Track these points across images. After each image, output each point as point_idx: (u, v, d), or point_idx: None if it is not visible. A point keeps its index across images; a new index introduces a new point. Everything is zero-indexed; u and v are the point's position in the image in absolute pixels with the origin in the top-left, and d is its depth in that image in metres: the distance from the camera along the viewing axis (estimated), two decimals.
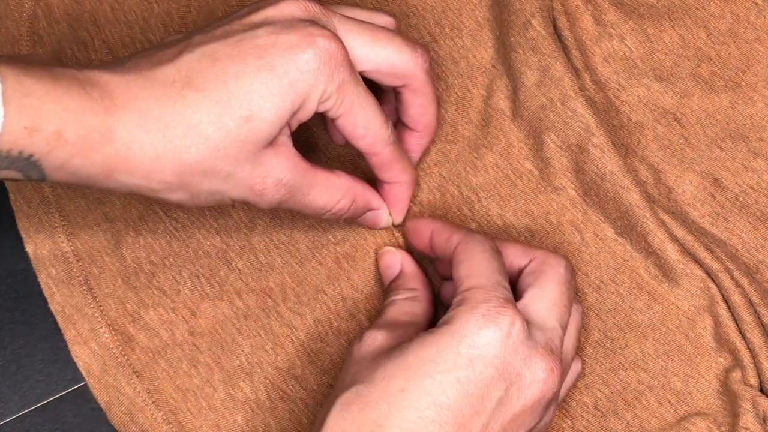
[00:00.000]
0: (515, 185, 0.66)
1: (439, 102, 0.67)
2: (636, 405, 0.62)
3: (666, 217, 0.64)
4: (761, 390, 0.62)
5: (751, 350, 0.62)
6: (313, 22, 0.57)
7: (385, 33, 0.60)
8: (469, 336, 0.54)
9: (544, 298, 0.57)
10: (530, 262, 0.59)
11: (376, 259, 0.65)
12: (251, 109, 0.55)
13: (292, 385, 0.63)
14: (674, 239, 0.64)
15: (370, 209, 0.63)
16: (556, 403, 0.57)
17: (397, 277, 0.63)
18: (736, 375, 0.62)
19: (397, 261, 0.64)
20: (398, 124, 0.64)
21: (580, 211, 0.65)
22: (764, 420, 0.61)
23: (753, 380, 0.62)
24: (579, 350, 0.62)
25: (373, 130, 0.59)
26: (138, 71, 0.55)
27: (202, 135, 0.55)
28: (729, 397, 0.62)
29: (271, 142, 0.56)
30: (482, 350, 0.54)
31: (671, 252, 0.63)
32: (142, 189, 0.56)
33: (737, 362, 0.62)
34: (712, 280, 0.63)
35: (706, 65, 0.68)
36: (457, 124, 0.67)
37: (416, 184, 0.65)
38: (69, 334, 0.64)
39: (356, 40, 0.58)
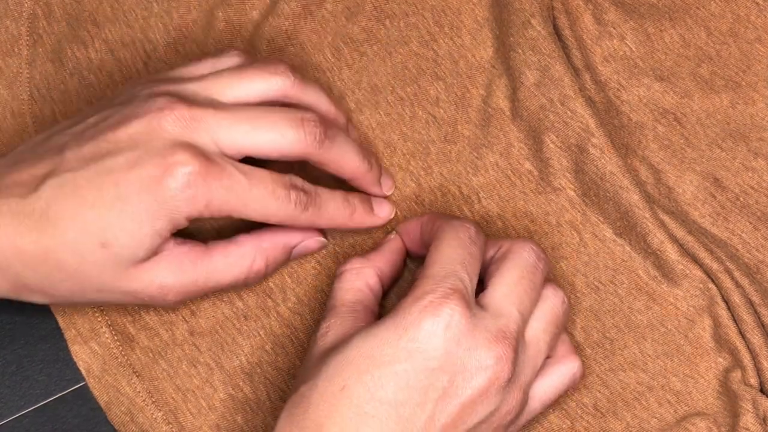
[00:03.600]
0: (515, 185, 0.66)
1: (438, 102, 0.67)
2: (635, 405, 0.62)
3: (666, 218, 0.64)
4: (761, 390, 0.62)
5: (751, 350, 0.62)
6: (178, 143, 0.57)
7: (266, 118, 0.58)
8: (409, 329, 0.54)
9: (502, 283, 0.57)
10: (497, 251, 0.59)
11: None
12: (106, 237, 0.56)
13: (292, 385, 0.63)
14: (674, 239, 0.64)
15: (291, 248, 0.63)
16: (519, 387, 0.56)
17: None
18: (736, 375, 0.62)
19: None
20: None
21: (579, 211, 0.65)
22: (764, 420, 0.61)
23: (753, 380, 0.62)
24: (578, 351, 0.62)
25: (272, 213, 0.59)
26: (1, 196, 0.57)
27: (60, 261, 0.56)
28: (729, 397, 0.62)
29: (146, 258, 0.57)
30: (421, 343, 0.53)
31: (671, 252, 0.63)
32: (27, 300, 0.59)
33: (737, 362, 0.62)
34: (712, 280, 0.63)
35: (707, 65, 0.68)
36: (457, 124, 0.67)
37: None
38: (69, 334, 0.64)
39: (236, 134, 0.58)
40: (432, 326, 0.54)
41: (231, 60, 0.61)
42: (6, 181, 0.57)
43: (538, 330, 0.57)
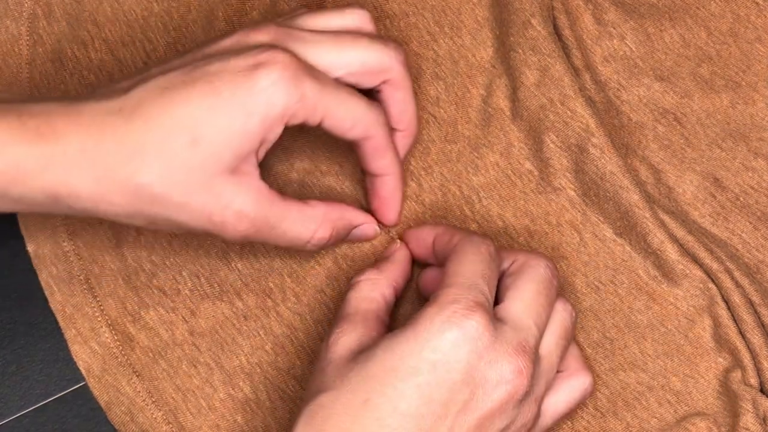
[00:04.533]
0: (515, 185, 0.66)
1: (438, 101, 0.67)
2: (636, 405, 0.62)
3: (666, 218, 0.64)
4: (761, 390, 0.62)
5: (751, 350, 0.62)
6: (266, 46, 0.57)
7: (349, 36, 0.60)
8: (432, 340, 0.54)
9: (520, 298, 0.57)
10: (511, 264, 0.59)
11: (375, 260, 0.65)
12: (196, 135, 0.55)
13: (292, 385, 0.63)
14: (674, 239, 0.64)
15: (353, 227, 0.63)
16: (535, 400, 0.56)
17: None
18: (736, 375, 0.62)
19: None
20: None
21: (579, 211, 0.65)
22: (764, 420, 0.61)
23: (753, 380, 0.62)
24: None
25: (360, 116, 0.59)
26: (87, 102, 0.56)
27: (147, 160, 0.55)
28: (729, 397, 0.62)
29: (233, 171, 0.56)
30: (445, 354, 0.53)
31: (671, 252, 0.63)
32: (95, 213, 0.56)
33: (737, 362, 0.62)
34: (712, 280, 0.63)
35: (707, 65, 0.68)
36: (457, 124, 0.67)
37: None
38: (69, 334, 0.64)
39: (319, 51, 0.58)
40: (456, 338, 0.54)
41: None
42: (100, 90, 0.57)
43: (551, 344, 0.57)
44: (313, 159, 0.67)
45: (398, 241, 0.64)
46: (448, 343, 0.54)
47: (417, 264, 0.64)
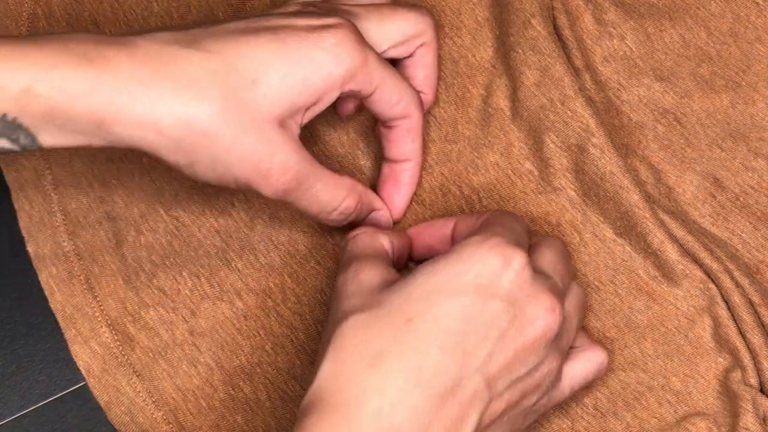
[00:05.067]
0: (515, 185, 0.66)
1: (438, 101, 0.67)
2: (636, 405, 0.62)
3: (666, 218, 0.64)
4: (761, 390, 0.62)
5: (751, 350, 0.62)
6: (324, 12, 0.58)
7: (388, 7, 0.61)
8: (477, 265, 0.54)
9: (548, 255, 0.58)
10: (532, 240, 0.60)
11: None
12: (257, 75, 0.55)
13: (292, 385, 0.63)
14: (674, 239, 0.64)
15: (373, 210, 0.63)
16: (560, 352, 0.57)
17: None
18: (736, 375, 0.62)
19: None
20: None
21: (579, 211, 0.65)
22: (764, 420, 0.61)
23: (753, 380, 0.62)
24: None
25: (406, 94, 0.60)
26: (140, 35, 0.55)
27: (204, 92, 0.54)
28: (729, 397, 0.62)
29: (281, 123, 0.56)
30: (489, 280, 0.54)
31: (671, 252, 0.63)
32: (139, 143, 0.54)
33: (737, 362, 0.62)
34: (712, 280, 0.63)
35: (707, 65, 0.68)
36: (457, 123, 0.67)
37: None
38: (69, 334, 0.64)
39: (366, 25, 0.60)
40: (500, 267, 0.54)
41: None
42: (154, 30, 0.56)
43: (571, 307, 0.58)
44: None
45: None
46: (492, 270, 0.54)
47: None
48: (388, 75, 0.59)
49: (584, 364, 0.59)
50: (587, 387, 0.62)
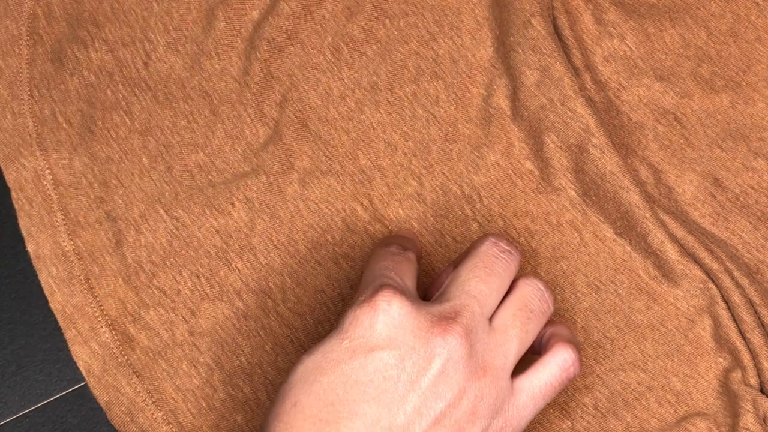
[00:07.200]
0: (516, 185, 0.66)
1: (438, 101, 0.67)
2: (636, 405, 0.62)
3: (666, 218, 0.64)
4: (761, 390, 0.62)
5: (751, 350, 0.62)
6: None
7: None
8: (348, 329, 0.54)
9: (456, 275, 0.57)
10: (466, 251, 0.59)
11: None
12: None
13: None
14: (674, 239, 0.64)
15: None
16: (485, 371, 0.55)
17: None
18: (736, 375, 0.62)
19: None
20: None
21: (579, 211, 0.65)
22: (765, 420, 0.61)
23: (753, 380, 0.62)
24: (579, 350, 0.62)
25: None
26: None
27: None
28: (729, 397, 0.62)
29: None
30: (362, 337, 0.53)
31: (671, 252, 0.63)
32: None
33: (737, 362, 0.62)
34: (712, 280, 0.63)
35: (707, 65, 0.68)
36: (458, 123, 0.67)
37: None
38: (69, 334, 0.64)
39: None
40: (370, 318, 0.54)
41: None
42: None
43: (506, 317, 0.56)
44: (313, 159, 0.67)
45: None
46: (364, 325, 0.54)
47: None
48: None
49: (545, 370, 0.57)
50: (586, 387, 0.62)
